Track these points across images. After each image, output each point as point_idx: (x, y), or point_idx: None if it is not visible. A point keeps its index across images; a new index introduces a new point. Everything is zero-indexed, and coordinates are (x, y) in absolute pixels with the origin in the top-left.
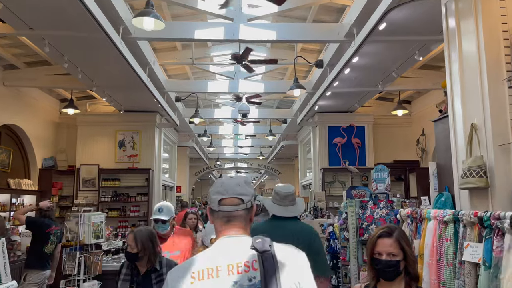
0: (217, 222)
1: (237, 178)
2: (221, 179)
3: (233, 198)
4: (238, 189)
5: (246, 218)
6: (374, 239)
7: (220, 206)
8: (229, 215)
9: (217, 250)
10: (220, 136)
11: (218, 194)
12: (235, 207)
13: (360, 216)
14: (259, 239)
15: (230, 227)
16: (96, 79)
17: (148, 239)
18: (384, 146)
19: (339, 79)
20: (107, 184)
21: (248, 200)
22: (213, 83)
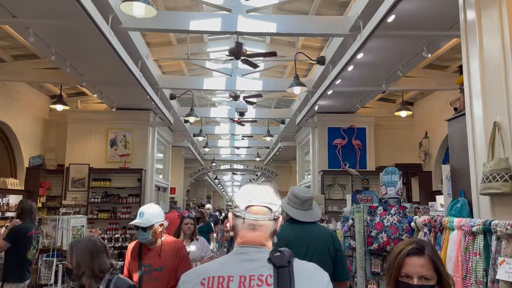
0: (241, 229)
1: (266, 186)
2: (250, 185)
3: (261, 206)
4: (267, 198)
5: (271, 228)
6: (401, 257)
7: (247, 213)
8: (255, 224)
9: (233, 259)
10: (216, 137)
11: (246, 200)
12: (262, 216)
13: (368, 223)
14: (278, 252)
15: (253, 236)
16: (86, 74)
17: (87, 253)
18: (385, 148)
19: (341, 77)
20: (97, 184)
21: (276, 211)
22: (209, 80)
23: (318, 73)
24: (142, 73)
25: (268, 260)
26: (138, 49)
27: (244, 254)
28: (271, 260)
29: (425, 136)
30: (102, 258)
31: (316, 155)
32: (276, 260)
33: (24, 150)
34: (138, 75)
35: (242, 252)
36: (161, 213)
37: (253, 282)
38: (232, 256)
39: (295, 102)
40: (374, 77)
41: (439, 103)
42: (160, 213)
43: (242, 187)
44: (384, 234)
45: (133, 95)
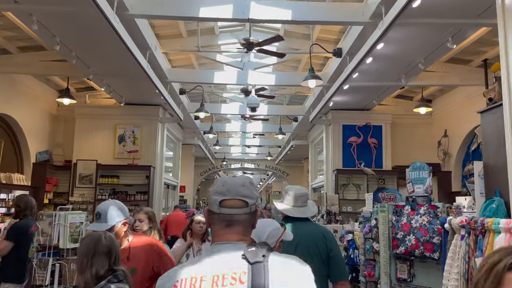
0: (216, 226)
1: (241, 177)
2: (224, 178)
3: (236, 200)
4: (242, 190)
5: (248, 223)
6: (498, 272)
7: (221, 208)
8: (230, 219)
9: (207, 257)
10: (227, 135)
11: (219, 195)
12: (237, 210)
13: (394, 224)
14: (253, 247)
15: (229, 232)
16: (93, 66)
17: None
18: (402, 147)
19: (359, 70)
20: (105, 181)
21: (253, 204)
22: (220, 74)
23: (333, 67)
24: (150, 65)
25: (242, 256)
26: (146, 39)
27: (218, 252)
28: (245, 256)
29: (445, 134)
30: (100, 261)
31: (330, 153)
32: (250, 255)
33: (31, 145)
34: (145, 66)
35: (216, 250)
36: (122, 211)
37: (226, 281)
38: (206, 254)
39: (308, 99)
40: (393, 71)
41: (459, 100)
42: (121, 210)
43: (218, 179)
44: (412, 237)
45: (142, 89)
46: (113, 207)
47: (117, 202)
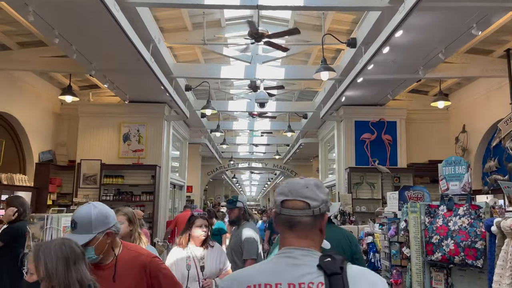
0: (280, 227)
1: (307, 179)
2: (289, 180)
3: (297, 201)
4: (304, 192)
5: (312, 227)
6: None
7: (282, 208)
8: (291, 220)
9: (280, 263)
10: (234, 133)
11: (282, 195)
12: (298, 211)
13: (427, 226)
14: (329, 257)
15: (294, 236)
16: (94, 61)
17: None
18: (418, 144)
19: (374, 62)
20: (109, 181)
21: (316, 206)
22: (227, 68)
23: (346, 60)
24: (154, 60)
25: (318, 266)
26: (148, 30)
27: (291, 258)
28: (321, 267)
29: (463, 130)
30: (82, 269)
31: (342, 151)
32: (327, 266)
33: (33, 145)
34: (149, 60)
35: (288, 256)
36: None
37: None
38: (278, 259)
39: (318, 94)
40: (411, 62)
41: (479, 93)
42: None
43: (284, 181)
44: (450, 241)
45: (147, 85)
46: (93, 214)
47: (98, 207)
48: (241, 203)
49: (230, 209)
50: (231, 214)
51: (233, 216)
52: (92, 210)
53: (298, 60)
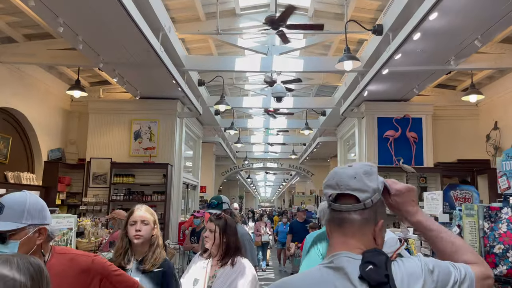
0: (329, 224)
1: (356, 166)
2: (335, 169)
3: (345, 194)
4: (353, 183)
5: (364, 225)
6: None
7: (332, 203)
8: (340, 216)
9: (323, 273)
10: (249, 132)
11: (329, 188)
12: (346, 206)
13: (487, 233)
14: (370, 264)
15: (343, 235)
16: (102, 52)
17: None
18: (445, 142)
19: (402, 51)
20: (119, 180)
21: (367, 198)
22: (242, 60)
23: (370, 50)
24: (164, 50)
25: (360, 278)
26: (158, 17)
27: (337, 269)
28: (363, 278)
29: (495, 127)
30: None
31: (363, 149)
32: (370, 276)
33: (41, 143)
34: (158, 49)
35: (332, 265)
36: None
37: None
38: (324, 268)
39: (338, 89)
40: (443, 50)
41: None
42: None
43: (332, 170)
44: None
45: (158, 80)
46: (28, 201)
47: (34, 196)
48: (227, 204)
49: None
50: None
51: None
52: (28, 197)
53: (317, 52)
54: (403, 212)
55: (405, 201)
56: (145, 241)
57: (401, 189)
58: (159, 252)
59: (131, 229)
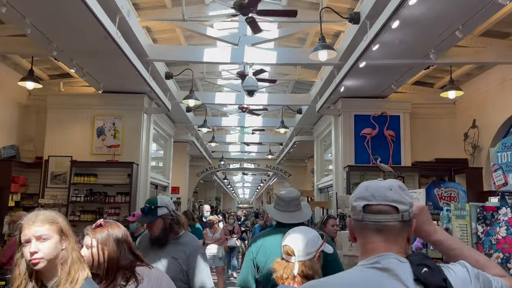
0: (363, 234)
1: (388, 181)
2: (367, 182)
3: (383, 205)
4: (390, 195)
5: (402, 234)
6: None
7: (365, 214)
8: (379, 225)
9: (372, 274)
10: (224, 131)
11: (362, 200)
12: (386, 216)
13: (482, 238)
14: (425, 267)
15: (381, 240)
16: (55, 39)
17: None
18: (423, 140)
19: (380, 42)
20: (80, 180)
21: (405, 210)
22: (211, 51)
23: (347, 41)
24: (124, 38)
25: (416, 280)
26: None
27: (384, 270)
28: (420, 280)
29: (473, 125)
30: None
31: (340, 148)
32: (427, 279)
33: None
34: (114, 34)
35: (381, 266)
36: None
37: None
38: (367, 269)
39: (314, 86)
40: (422, 42)
41: (492, 84)
42: None
43: (360, 184)
44: None
45: (121, 72)
46: None
47: None
48: (165, 208)
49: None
50: (153, 228)
51: (156, 230)
52: None
53: (292, 45)
54: (423, 233)
55: (421, 221)
56: (50, 263)
57: (415, 210)
58: (77, 271)
59: (25, 252)
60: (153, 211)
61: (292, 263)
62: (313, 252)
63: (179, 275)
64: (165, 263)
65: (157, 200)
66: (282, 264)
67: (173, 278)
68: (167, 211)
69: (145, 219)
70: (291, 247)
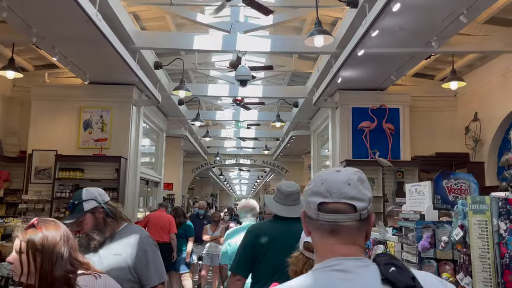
0: (316, 234)
1: (347, 172)
2: (323, 174)
3: (340, 203)
4: (348, 190)
5: (360, 232)
6: None
7: (319, 213)
8: (333, 225)
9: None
10: (219, 126)
11: (318, 196)
12: (342, 216)
13: (506, 237)
14: (393, 266)
15: (337, 242)
16: (34, 23)
17: None
18: (423, 134)
19: (379, 28)
20: (65, 175)
21: (364, 208)
22: (201, 37)
23: (345, 27)
24: (109, 24)
25: (384, 280)
26: None
27: (343, 272)
28: (388, 279)
29: (474, 118)
30: None
31: (337, 142)
32: (396, 278)
33: None
34: (94, 16)
35: (339, 269)
36: None
37: None
38: (325, 273)
39: (311, 77)
40: (424, 28)
41: (494, 75)
42: None
43: (316, 175)
44: None
45: (107, 61)
46: None
47: None
48: (93, 201)
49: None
50: (85, 225)
51: (87, 228)
52: None
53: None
54: None
55: None
56: None
57: None
58: None
59: None
60: (78, 207)
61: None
62: None
63: (126, 275)
64: (107, 263)
65: (81, 193)
66: (301, 260)
67: (120, 279)
68: (96, 204)
69: (71, 218)
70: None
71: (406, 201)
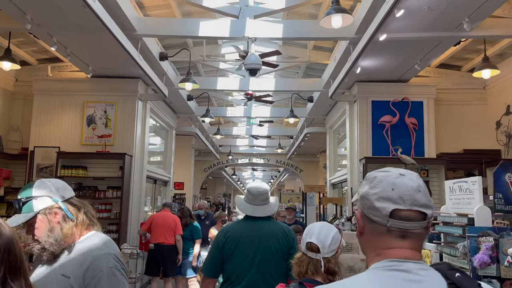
0: (382, 237)
1: (412, 177)
2: (390, 178)
3: (412, 211)
4: (419, 198)
5: (424, 238)
6: None
7: (391, 220)
8: (406, 232)
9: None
10: (231, 123)
11: (389, 202)
12: (414, 223)
13: None
14: (457, 272)
15: (407, 247)
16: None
17: None
18: (449, 129)
19: (405, 7)
20: (68, 172)
21: (432, 215)
22: (206, 23)
23: (365, 9)
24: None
25: (450, 285)
26: None
27: (405, 272)
28: (455, 284)
29: (507, 112)
30: None
31: (355, 138)
32: (462, 283)
33: None
34: None
35: (401, 269)
36: None
37: None
38: (386, 273)
39: (327, 68)
40: (455, 8)
41: None
42: None
43: (376, 177)
44: None
45: (109, 52)
46: None
47: None
48: (47, 198)
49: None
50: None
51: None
52: None
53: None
54: None
55: None
56: None
57: None
58: None
59: None
60: (26, 206)
61: (316, 260)
62: (335, 249)
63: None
64: (52, 283)
65: (31, 188)
66: (305, 261)
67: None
68: (51, 202)
69: (18, 220)
70: (316, 244)
71: (446, 201)
